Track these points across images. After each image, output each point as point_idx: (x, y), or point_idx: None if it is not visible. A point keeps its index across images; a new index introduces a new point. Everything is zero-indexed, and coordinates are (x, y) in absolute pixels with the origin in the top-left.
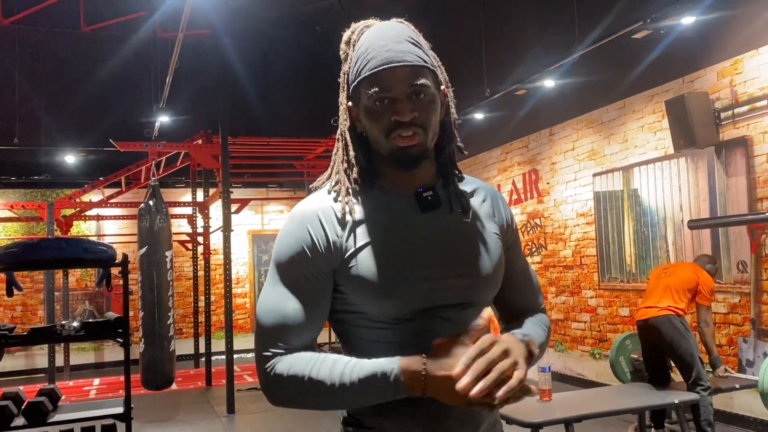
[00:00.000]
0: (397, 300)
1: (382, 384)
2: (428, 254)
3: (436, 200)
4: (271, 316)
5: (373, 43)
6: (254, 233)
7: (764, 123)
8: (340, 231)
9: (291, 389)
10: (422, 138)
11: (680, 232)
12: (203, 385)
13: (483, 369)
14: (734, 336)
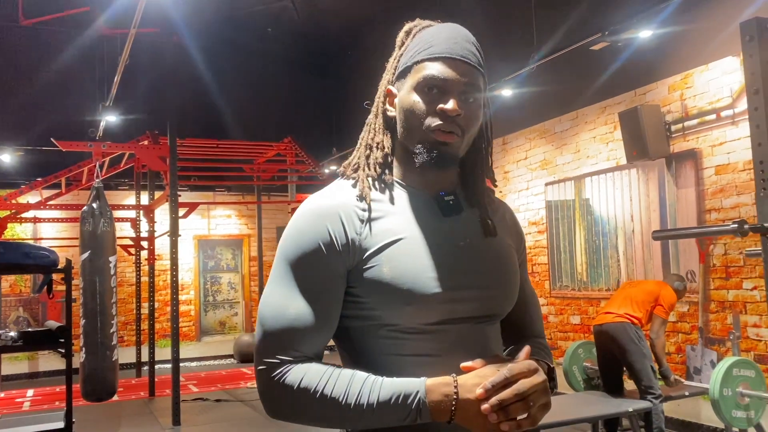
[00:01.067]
0: (422, 306)
1: (404, 407)
2: (453, 261)
3: (458, 206)
4: (279, 319)
5: (439, 34)
6: (200, 238)
7: (713, 136)
8: (360, 227)
9: (298, 403)
10: (458, 140)
11: (631, 242)
12: (146, 395)
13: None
14: (682, 344)
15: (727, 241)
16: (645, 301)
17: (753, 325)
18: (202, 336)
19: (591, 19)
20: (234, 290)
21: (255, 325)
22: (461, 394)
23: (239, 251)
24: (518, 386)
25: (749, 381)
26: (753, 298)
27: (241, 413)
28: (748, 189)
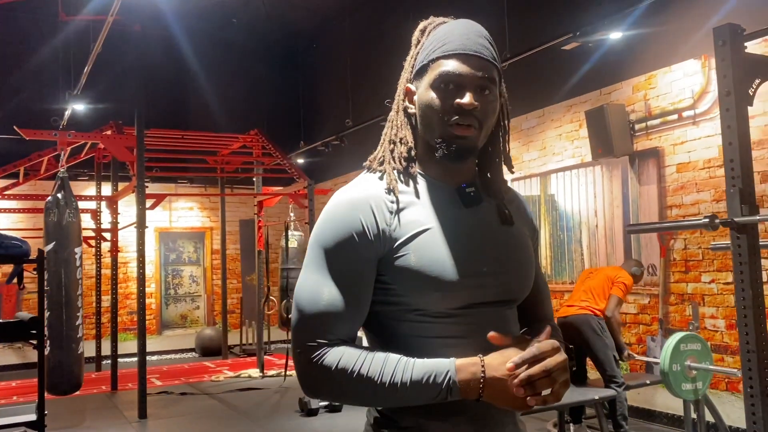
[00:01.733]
0: (448, 292)
1: (435, 386)
2: (476, 249)
3: (477, 197)
4: (315, 304)
5: (453, 31)
6: (161, 230)
7: (675, 136)
8: (390, 218)
9: (336, 383)
10: (476, 133)
11: (594, 237)
12: (108, 389)
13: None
14: (643, 335)
15: (687, 237)
16: (604, 287)
17: (710, 316)
18: (163, 330)
19: (563, 20)
20: (196, 283)
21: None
22: (488, 373)
23: (201, 244)
24: (545, 363)
25: (696, 354)
26: (711, 291)
27: (207, 406)
28: (708, 186)
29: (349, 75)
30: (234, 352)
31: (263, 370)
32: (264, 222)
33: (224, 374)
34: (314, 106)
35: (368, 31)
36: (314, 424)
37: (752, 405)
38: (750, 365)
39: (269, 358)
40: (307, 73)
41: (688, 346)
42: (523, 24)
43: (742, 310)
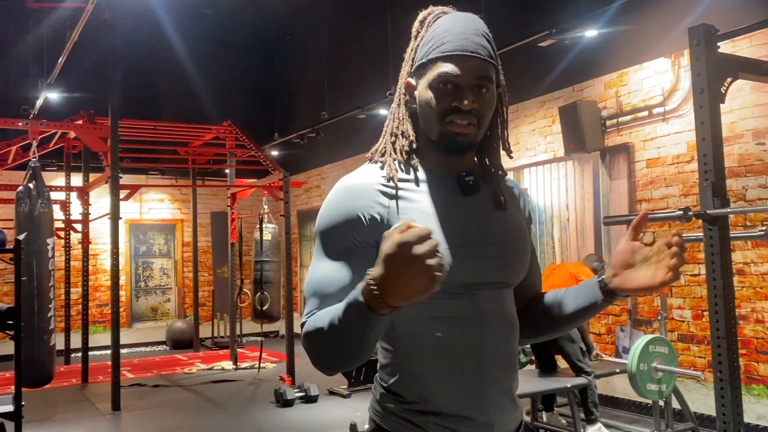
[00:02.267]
0: (448, 274)
1: (355, 306)
2: (472, 234)
3: (476, 185)
4: (310, 283)
5: (451, 28)
6: (131, 222)
7: (645, 132)
8: (387, 203)
9: (315, 345)
10: (475, 130)
11: (566, 230)
12: (78, 382)
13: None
14: (612, 325)
15: (656, 230)
16: (566, 284)
17: (678, 307)
18: (133, 322)
19: (539, 17)
20: (166, 276)
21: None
22: (373, 272)
23: (172, 236)
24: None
25: (663, 357)
26: (678, 283)
27: (180, 398)
28: (676, 181)
29: (326, 67)
30: (205, 345)
31: (236, 363)
32: (237, 214)
33: (197, 367)
34: (289, 98)
35: (345, 24)
36: (290, 414)
37: (721, 389)
38: (720, 351)
39: (242, 351)
40: (282, 65)
41: (657, 348)
42: (500, 20)
43: (714, 299)
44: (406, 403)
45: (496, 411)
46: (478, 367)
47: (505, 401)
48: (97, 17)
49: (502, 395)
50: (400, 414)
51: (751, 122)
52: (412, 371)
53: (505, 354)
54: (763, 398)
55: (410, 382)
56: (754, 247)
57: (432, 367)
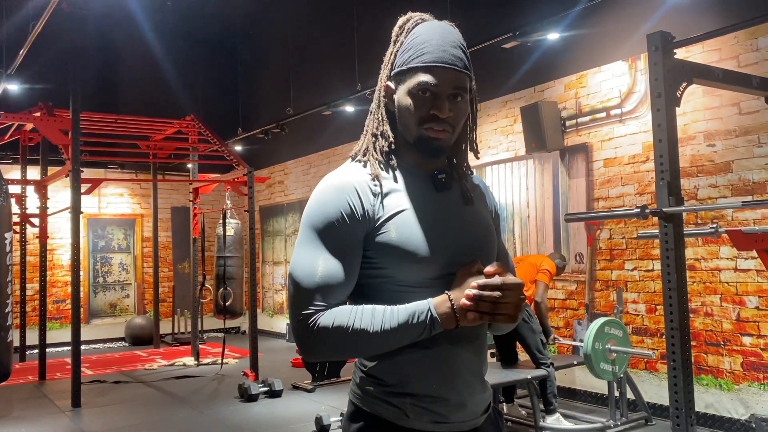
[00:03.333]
0: (425, 264)
1: (420, 324)
2: (447, 227)
3: (448, 182)
4: (311, 275)
5: (431, 38)
6: (90, 217)
7: (603, 132)
8: (373, 200)
9: (334, 339)
10: (449, 135)
11: (526, 226)
12: (35, 379)
13: (488, 297)
14: (570, 319)
15: (612, 227)
16: (530, 273)
17: (632, 301)
18: (91, 318)
19: (503, 19)
20: (126, 271)
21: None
22: (456, 303)
23: (131, 231)
24: (495, 291)
25: (617, 339)
26: (633, 278)
27: (143, 394)
28: (632, 180)
29: (291, 62)
30: (165, 341)
31: (198, 359)
32: (199, 209)
33: (158, 363)
34: (253, 92)
35: (310, 19)
36: (254, 409)
37: (674, 377)
38: (674, 341)
39: (204, 347)
40: (247, 60)
41: (611, 330)
42: (464, 22)
43: (668, 292)
44: (385, 386)
45: (468, 392)
46: (452, 351)
47: (476, 383)
48: (57, 8)
49: (473, 377)
50: (380, 396)
51: (703, 125)
52: (391, 356)
53: (475, 338)
54: (711, 388)
55: (388, 366)
56: (704, 244)
57: (409, 351)
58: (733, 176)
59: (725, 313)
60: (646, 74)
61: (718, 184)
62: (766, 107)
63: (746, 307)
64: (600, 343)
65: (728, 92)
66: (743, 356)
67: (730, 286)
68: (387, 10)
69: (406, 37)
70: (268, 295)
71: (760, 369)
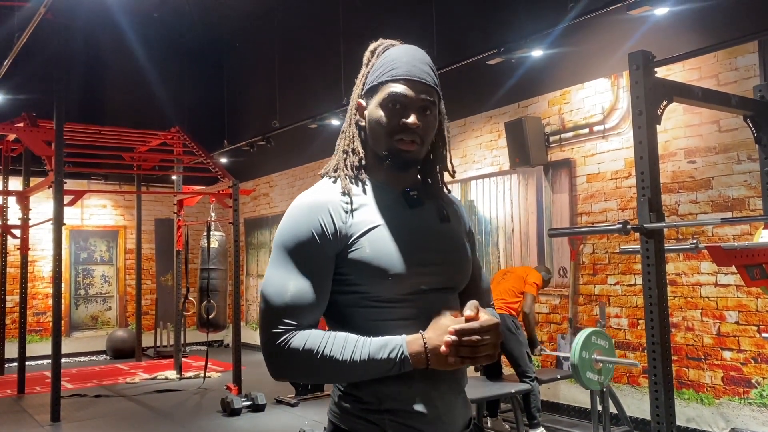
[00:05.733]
0: (397, 280)
1: (390, 360)
2: (419, 244)
3: (420, 199)
4: (281, 295)
5: (401, 57)
6: (72, 228)
7: (585, 148)
8: (345, 217)
9: (303, 364)
10: (418, 148)
11: (510, 240)
12: (13, 393)
13: (467, 343)
14: (554, 333)
15: (595, 242)
16: (517, 286)
17: (615, 315)
18: (72, 331)
19: (488, 36)
20: (108, 284)
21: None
22: (429, 344)
23: (114, 243)
24: (473, 336)
25: (603, 349)
26: (616, 292)
27: (124, 408)
28: (615, 196)
29: (277, 76)
30: (147, 354)
31: (181, 372)
32: (183, 221)
33: (139, 376)
34: (239, 105)
35: (297, 32)
36: (237, 423)
37: (656, 392)
38: (655, 356)
39: (186, 361)
40: (233, 72)
41: (598, 340)
42: (450, 38)
43: (649, 307)
44: (363, 403)
45: (446, 408)
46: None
47: (456, 398)
48: (42, 18)
49: (452, 393)
50: (358, 414)
51: (683, 141)
52: None
53: None
54: (693, 402)
55: (366, 385)
56: (685, 259)
57: None
58: (713, 192)
59: (706, 327)
60: (629, 91)
61: (699, 200)
62: (744, 125)
63: (726, 321)
64: (587, 353)
65: (708, 110)
66: (724, 370)
67: (711, 301)
68: (373, 24)
69: (377, 59)
70: (252, 308)
71: (740, 383)
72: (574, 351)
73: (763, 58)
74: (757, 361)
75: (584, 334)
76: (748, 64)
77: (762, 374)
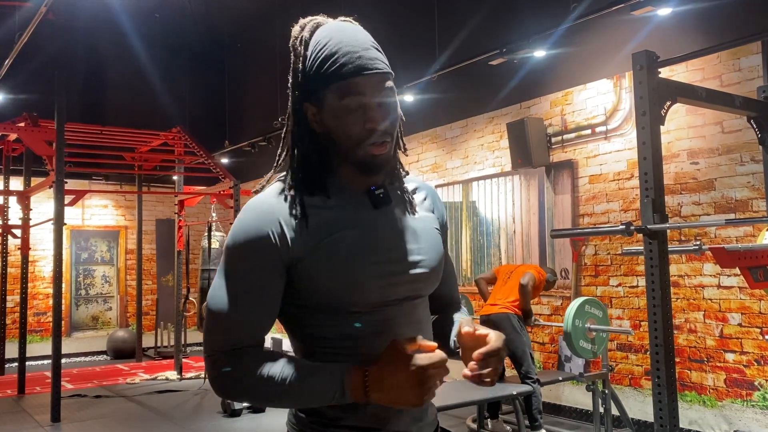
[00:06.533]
0: (359, 293)
1: (329, 392)
2: (383, 250)
3: (387, 198)
4: (225, 311)
5: (340, 47)
6: (73, 228)
7: (588, 149)
8: (297, 227)
9: (244, 387)
10: (390, 146)
11: (512, 242)
12: (14, 393)
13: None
14: (555, 335)
15: (597, 243)
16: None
17: (617, 317)
18: (72, 331)
19: (490, 35)
20: (108, 284)
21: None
22: (370, 386)
23: (115, 243)
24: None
25: (596, 318)
26: (618, 294)
27: (124, 408)
28: (617, 197)
29: (278, 75)
30: (148, 355)
31: (181, 373)
32: (184, 222)
33: (140, 377)
34: (241, 105)
35: None
36: (237, 424)
37: (659, 394)
38: (658, 358)
39: (187, 361)
40: (234, 72)
41: (591, 309)
42: (452, 38)
43: (653, 309)
44: (320, 417)
45: (406, 419)
46: None
47: (415, 411)
48: (44, 18)
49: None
50: (315, 427)
51: (686, 143)
52: None
53: None
54: (695, 404)
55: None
56: (688, 261)
57: None
58: (716, 194)
59: (709, 329)
60: (631, 92)
61: (702, 201)
62: (748, 126)
63: (729, 323)
64: (580, 321)
65: (711, 111)
66: (726, 373)
67: (714, 303)
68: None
69: (308, 52)
70: None
71: (743, 386)
72: (567, 319)
73: (767, 59)
74: (760, 364)
75: (578, 301)
76: (751, 64)
77: (765, 377)
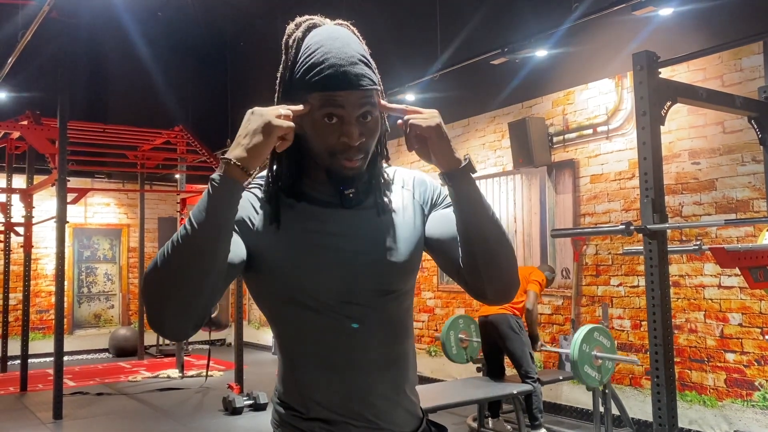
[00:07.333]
0: (327, 287)
1: (214, 182)
2: (348, 245)
3: (357, 197)
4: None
5: (327, 57)
6: (75, 226)
7: (589, 149)
8: (268, 221)
9: (158, 271)
10: (363, 163)
11: (513, 241)
12: (16, 390)
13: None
14: (557, 334)
15: (599, 243)
16: (522, 289)
17: (618, 317)
18: (74, 329)
19: (491, 35)
20: (111, 282)
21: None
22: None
23: (117, 241)
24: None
25: (603, 347)
26: (618, 293)
27: (126, 406)
28: (618, 197)
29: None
30: (150, 353)
31: (183, 371)
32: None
33: (141, 374)
34: (243, 104)
35: None
36: (239, 422)
37: (658, 393)
38: (657, 357)
39: (188, 359)
40: (236, 71)
41: (599, 337)
42: (454, 38)
43: (652, 308)
44: (295, 411)
45: (380, 412)
46: (358, 374)
47: (391, 402)
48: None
49: (387, 397)
50: (291, 422)
51: (687, 143)
52: (297, 382)
53: (387, 357)
54: (695, 404)
55: (296, 393)
56: (688, 261)
57: (313, 377)
58: (717, 194)
59: (709, 329)
60: (632, 92)
61: (702, 201)
62: (749, 127)
63: (730, 323)
64: (588, 347)
65: (713, 111)
66: (727, 373)
67: (714, 303)
68: (376, 24)
69: (299, 52)
70: (254, 307)
71: (743, 386)
72: (574, 345)
73: None
74: (760, 364)
75: (586, 328)
76: (753, 65)
77: (765, 377)
